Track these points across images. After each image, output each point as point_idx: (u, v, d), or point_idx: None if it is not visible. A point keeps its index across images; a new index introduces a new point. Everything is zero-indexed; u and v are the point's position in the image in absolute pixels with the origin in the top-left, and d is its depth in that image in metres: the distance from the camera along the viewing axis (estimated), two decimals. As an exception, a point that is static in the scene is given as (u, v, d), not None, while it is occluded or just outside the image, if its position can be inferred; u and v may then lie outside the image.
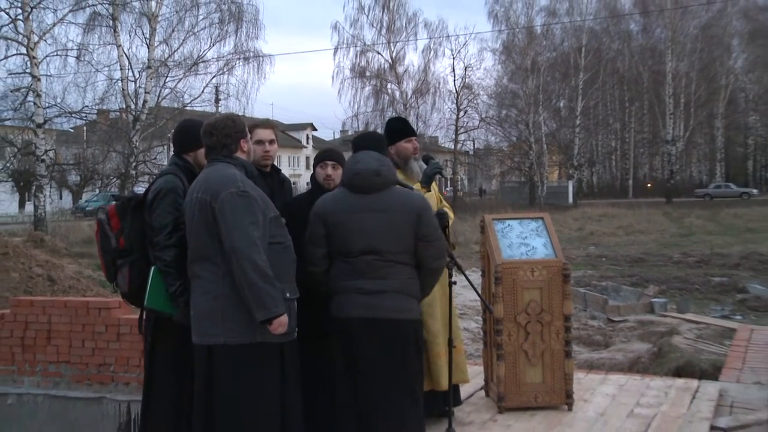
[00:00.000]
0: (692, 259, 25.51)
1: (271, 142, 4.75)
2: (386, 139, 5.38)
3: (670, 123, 58.02)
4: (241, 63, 36.77)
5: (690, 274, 22.07)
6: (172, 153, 4.66)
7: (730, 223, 38.24)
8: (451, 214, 5.31)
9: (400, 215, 4.37)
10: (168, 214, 4.29)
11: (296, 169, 77.88)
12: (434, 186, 5.66)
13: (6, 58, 30.94)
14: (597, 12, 58.80)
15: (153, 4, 34.55)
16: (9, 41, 30.71)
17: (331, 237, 4.40)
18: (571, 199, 56.55)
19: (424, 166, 5.62)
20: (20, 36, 30.54)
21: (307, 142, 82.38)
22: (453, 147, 56.81)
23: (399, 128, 5.66)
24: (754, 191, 61.02)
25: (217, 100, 38.40)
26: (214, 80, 36.94)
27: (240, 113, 32.21)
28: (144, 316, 4.52)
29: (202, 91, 36.28)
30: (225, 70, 36.60)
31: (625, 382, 6.90)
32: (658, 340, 11.92)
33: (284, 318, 3.98)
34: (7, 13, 30.17)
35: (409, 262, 4.41)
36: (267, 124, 4.86)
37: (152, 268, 4.29)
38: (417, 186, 5.40)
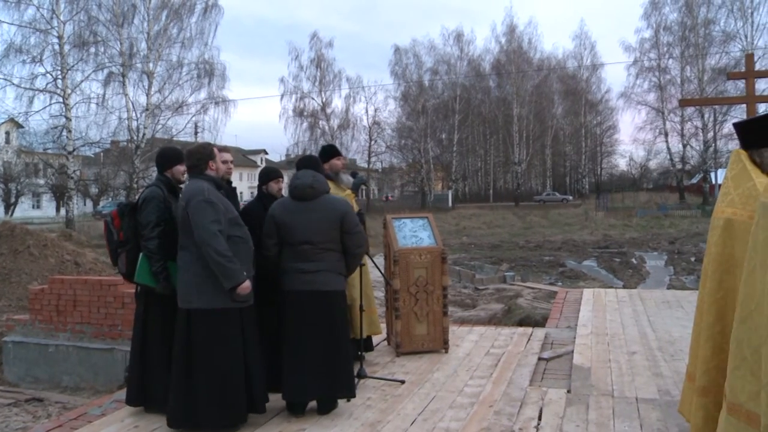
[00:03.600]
0: (531, 244, 26.13)
1: (232, 161, 4.73)
2: (321, 158, 5.43)
3: (517, 150, 59.00)
4: (213, 106, 36.50)
5: (530, 254, 22.61)
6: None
7: (555, 220, 39.34)
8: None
9: (328, 216, 4.35)
10: (151, 214, 4.25)
11: (253, 182, 76.93)
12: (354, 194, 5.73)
13: (50, 105, 32.17)
14: (467, 73, 59.42)
15: (151, 65, 34.58)
16: (51, 93, 31.98)
17: (279, 231, 4.37)
18: (450, 203, 56.88)
19: (351, 179, 5.69)
20: (59, 90, 31.94)
21: (261, 163, 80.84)
22: (367, 166, 56.81)
23: (330, 150, 5.75)
24: (570, 198, 62.74)
25: (195, 133, 37.60)
26: (193, 119, 36.65)
27: (212, 142, 31.86)
28: (137, 289, 4.48)
29: (185, 127, 36.17)
30: (201, 111, 36.27)
31: (485, 332, 7.02)
32: (508, 301, 12.05)
33: (247, 284, 3.97)
34: (51, 75, 31.99)
35: (336, 249, 4.39)
36: (228, 149, 4.84)
37: (141, 253, 4.26)
38: (348, 192, 5.49)
